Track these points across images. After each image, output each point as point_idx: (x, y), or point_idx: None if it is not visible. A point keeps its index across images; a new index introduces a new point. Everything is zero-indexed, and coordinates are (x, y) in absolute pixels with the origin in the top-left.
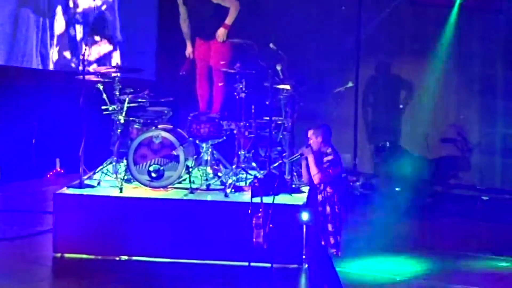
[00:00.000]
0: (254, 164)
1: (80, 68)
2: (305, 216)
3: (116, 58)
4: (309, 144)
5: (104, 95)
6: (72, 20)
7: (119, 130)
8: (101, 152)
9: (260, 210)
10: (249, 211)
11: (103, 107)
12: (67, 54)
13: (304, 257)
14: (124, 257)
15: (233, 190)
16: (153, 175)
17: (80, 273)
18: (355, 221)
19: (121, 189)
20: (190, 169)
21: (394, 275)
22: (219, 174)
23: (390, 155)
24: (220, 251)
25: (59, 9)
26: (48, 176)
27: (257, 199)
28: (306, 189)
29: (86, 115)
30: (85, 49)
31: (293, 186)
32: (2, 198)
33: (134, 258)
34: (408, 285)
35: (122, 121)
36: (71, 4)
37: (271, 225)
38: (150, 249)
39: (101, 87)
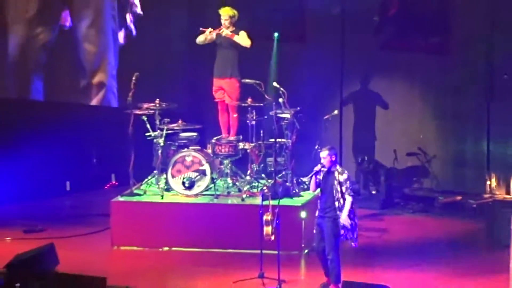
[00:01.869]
0: (263, 175)
1: (129, 99)
2: (303, 214)
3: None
4: (322, 163)
5: (148, 125)
6: None
7: (160, 151)
8: (147, 168)
9: (269, 210)
10: (260, 211)
11: (147, 134)
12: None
13: (303, 245)
14: (166, 248)
15: (248, 195)
16: (186, 185)
17: (132, 261)
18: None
19: (162, 196)
20: (215, 180)
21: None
22: (237, 183)
23: (368, 166)
24: (238, 242)
25: None
26: (106, 187)
27: (266, 202)
28: (304, 193)
29: (134, 140)
30: (133, 87)
31: (294, 191)
32: (72, 205)
33: (174, 248)
34: (381, 265)
35: (162, 144)
36: None
37: (277, 221)
38: (185, 241)
39: (145, 118)
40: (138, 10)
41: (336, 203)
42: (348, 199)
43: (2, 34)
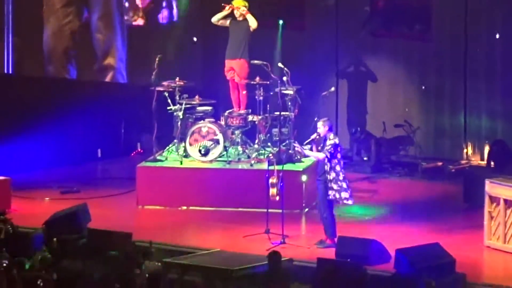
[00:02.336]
0: (269, 144)
1: (153, 78)
2: (304, 177)
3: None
4: (318, 132)
5: (169, 100)
6: None
7: (179, 123)
8: (168, 137)
9: (274, 174)
10: (267, 175)
11: (168, 108)
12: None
13: (303, 204)
14: (184, 207)
15: (256, 161)
16: (202, 152)
17: (155, 218)
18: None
19: (181, 162)
20: (227, 148)
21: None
22: (246, 151)
23: (360, 136)
24: (248, 202)
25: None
26: (132, 154)
27: (272, 167)
28: (305, 160)
29: (157, 113)
30: (156, 68)
31: (296, 158)
32: (103, 169)
33: (191, 207)
34: (372, 221)
35: (181, 117)
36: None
37: (281, 184)
38: (201, 201)
39: (166, 94)
40: None
41: (325, 167)
42: (319, 154)
43: (41, 27)
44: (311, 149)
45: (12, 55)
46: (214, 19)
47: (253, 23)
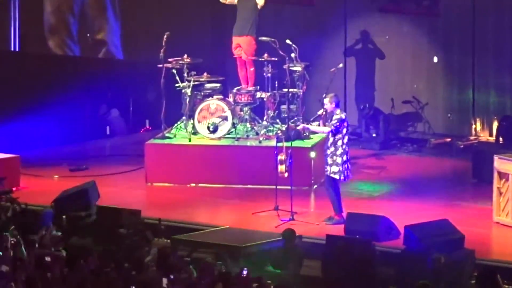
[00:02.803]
0: (278, 121)
1: (161, 55)
2: (312, 154)
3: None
4: (325, 108)
5: (177, 77)
6: None
7: (187, 100)
8: (176, 115)
9: (283, 151)
10: (275, 152)
11: (176, 85)
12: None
13: (312, 181)
14: (193, 184)
15: (264, 138)
16: (211, 129)
17: (164, 195)
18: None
19: (189, 139)
20: (236, 125)
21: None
22: (255, 127)
23: (369, 113)
24: (256, 179)
25: None
26: (141, 131)
27: (280, 144)
28: (314, 136)
29: (165, 90)
30: (164, 45)
31: (304, 135)
32: (111, 146)
33: (200, 184)
34: (380, 197)
35: (189, 94)
36: None
37: (290, 161)
38: (210, 178)
39: (175, 71)
40: None
41: (328, 141)
42: (324, 128)
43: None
44: (318, 125)
45: (18, 31)
46: None
47: (260, 0)
